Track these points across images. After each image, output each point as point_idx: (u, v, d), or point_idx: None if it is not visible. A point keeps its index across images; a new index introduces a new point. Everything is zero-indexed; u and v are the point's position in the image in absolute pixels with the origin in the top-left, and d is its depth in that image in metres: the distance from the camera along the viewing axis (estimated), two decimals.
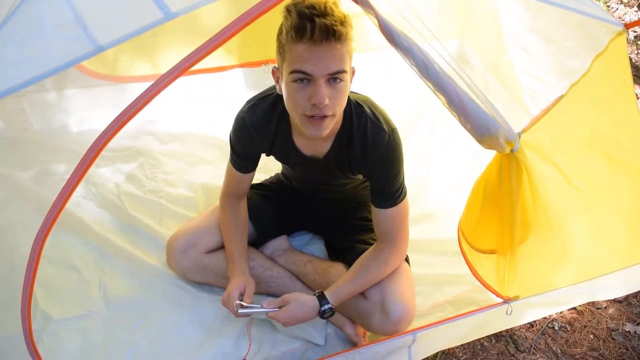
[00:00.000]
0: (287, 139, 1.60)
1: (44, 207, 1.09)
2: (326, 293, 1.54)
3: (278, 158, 1.74)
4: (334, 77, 1.31)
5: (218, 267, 1.77)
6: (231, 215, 1.75)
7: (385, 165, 1.53)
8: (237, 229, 1.74)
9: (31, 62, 0.95)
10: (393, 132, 1.52)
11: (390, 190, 1.55)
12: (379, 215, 1.59)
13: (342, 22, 1.27)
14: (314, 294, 1.55)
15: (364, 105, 1.53)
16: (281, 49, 1.35)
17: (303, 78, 1.31)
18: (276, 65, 1.42)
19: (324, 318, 1.54)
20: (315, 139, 1.45)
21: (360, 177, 1.70)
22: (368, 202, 1.88)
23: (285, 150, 1.64)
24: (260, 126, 1.59)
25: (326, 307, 1.52)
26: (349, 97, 1.52)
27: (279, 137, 1.60)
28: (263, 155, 1.74)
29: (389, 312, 1.52)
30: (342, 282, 1.58)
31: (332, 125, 1.41)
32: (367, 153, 1.52)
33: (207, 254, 1.77)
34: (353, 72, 1.43)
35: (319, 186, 1.81)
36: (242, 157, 1.68)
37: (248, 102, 1.61)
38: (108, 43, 0.91)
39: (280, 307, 1.52)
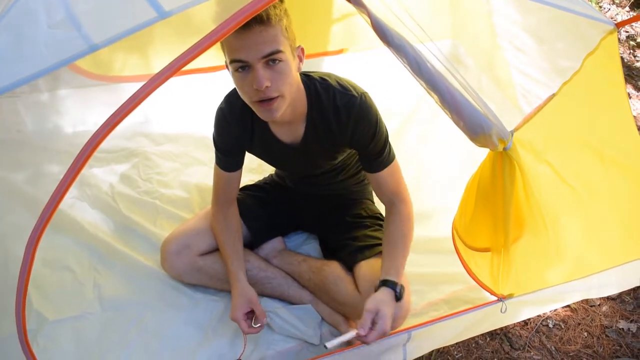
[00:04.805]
0: (265, 127, 1.61)
1: (37, 209, 1.08)
2: (385, 277, 1.49)
3: (261, 153, 1.74)
4: (271, 59, 1.32)
5: (212, 270, 1.77)
6: (223, 225, 1.75)
7: (364, 128, 1.53)
8: (230, 237, 1.74)
9: (25, 62, 0.96)
10: (363, 95, 1.53)
11: (376, 150, 1.57)
12: (377, 180, 1.62)
13: None
14: (378, 287, 1.47)
15: (328, 79, 1.55)
16: (220, 43, 1.37)
17: (242, 66, 1.33)
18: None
19: (400, 299, 1.47)
20: (272, 121, 1.49)
21: (345, 154, 1.70)
22: (361, 199, 1.90)
23: (264, 140, 1.64)
24: (237, 116, 1.60)
25: (398, 288, 1.47)
26: (311, 75, 1.55)
27: (256, 127, 1.61)
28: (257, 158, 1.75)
29: None
30: (388, 262, 1.53)
31: (284, 106, 1.41)
32: (343, 122, 1.53)
33: (201, 256, 1.77)
34: (302, 51, 1.44)
35: (310, 180, 1.82)
36: (226, 153, 1.68)
37: (225, 95, 1.64)
38: (102, 42, 0.91)
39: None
